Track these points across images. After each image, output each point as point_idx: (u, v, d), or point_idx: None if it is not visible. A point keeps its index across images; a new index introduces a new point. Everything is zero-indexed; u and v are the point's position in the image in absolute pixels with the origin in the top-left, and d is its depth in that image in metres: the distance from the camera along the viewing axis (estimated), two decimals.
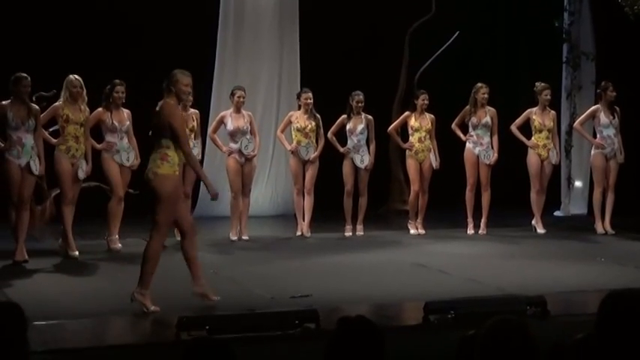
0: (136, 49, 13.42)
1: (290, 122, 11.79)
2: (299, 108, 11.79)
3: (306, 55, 14.02)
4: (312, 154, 11.62)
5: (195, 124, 10.96)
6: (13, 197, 9.49)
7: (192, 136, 10.98)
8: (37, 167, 9.48)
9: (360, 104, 11.62)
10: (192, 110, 10.98)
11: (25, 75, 9.47)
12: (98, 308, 7.34)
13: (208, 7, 13.71)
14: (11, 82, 9.44)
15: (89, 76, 10.30)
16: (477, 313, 6.44)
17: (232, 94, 11.31)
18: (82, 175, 9.99)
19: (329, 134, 11.79)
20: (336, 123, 11.84)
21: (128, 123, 10.49)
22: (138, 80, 11.68)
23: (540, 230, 12.07)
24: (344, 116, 11.80)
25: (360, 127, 11.70)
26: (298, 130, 11.66)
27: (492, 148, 11.97)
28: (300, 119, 11.68)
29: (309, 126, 11.63)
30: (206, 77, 13.35)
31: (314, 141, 11.69)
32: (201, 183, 13.16)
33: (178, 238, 10.84)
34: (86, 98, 10.03)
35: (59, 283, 8.67)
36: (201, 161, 11.75)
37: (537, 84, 12.14)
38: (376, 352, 3.46)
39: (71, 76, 9.94)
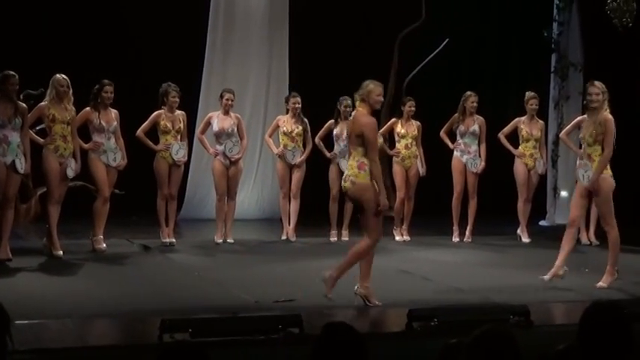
0: (125, 50, 13.42)
1: (277, 126, 11.79)
2: (287, 112, 11.79)
3: (295, 59, 14.03)
4: (299, 158, 11.63)
5: (182, 125, 11.01)
6: None
7: (179, 137, 11.01)
8: (22, 166, 9.43)
9: (347, 109, 11.63)
10: (179, 112, 11.02)
11: (12, 73, 9.43)
12: (81, 308, 7.31)
13: (198, 9, 13.72)
14: None
15: (77, 76, 10.27)
16: (460, 321, 6.44)
17: (221, 97, 11.32)
18: (71, 173, 9.95)
19: (316, 139, 11.80)
20: (324, 128, 11.85)
21: (115, 123, 10.46)
22: (126, 81, 11.69)
23: (525, 239, 12.10)
24: (331, 121, 11.82)
25: (347, 132, 11.69)
26: (285, 133, 11.67)
27: (480, 156, 12.00)
28: (287, 123, 11.69)
29: (296, 130, 11.64)
30: (194, 79, 13.35)
31: (300, 145, 11.70)
32: (187, 185, 13.25)
33: (164, 240, 10.87)
34: (72, 98, 10.00)
35: (42, 282, 8.64)
36: (188, 163, 11.76)
37: (526, 93, 12.18)
38: (359, 358, 3.46)
39: (58, 75, 9.90)
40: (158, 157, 10.94)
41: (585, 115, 12.02)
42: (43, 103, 9.91)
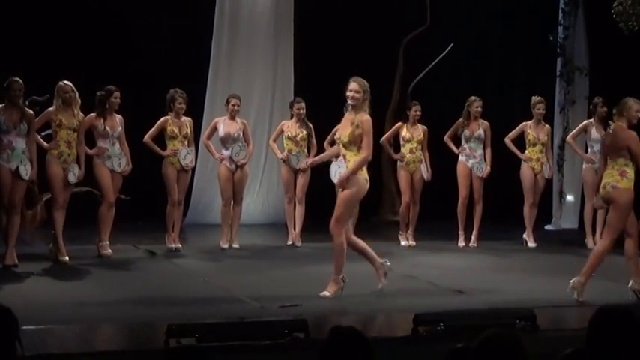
0: (130, 56, 13.43)
1: (282, 131, 11.81)
2: (291, 117, 11.81)
3: (300, 64, 14.03)
4: (303, 163, 11.63)
5: (188, 131, 11.05)
6: (3, 201, 9.46)
7: (186, 143, 11.02)
8: (27, 172, 9.43)
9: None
10: (185, 118, 11.05)
11: (17, 79, 9.45)
12: (87, 313, 7.33)
13: (203, 14, 13.73)
14: (4, 86, 9.42)
15: (83, 83, 10.27)
16: (466, 326, 6.44)
17: (227, 102, 11.35)
18: (72, 179, 9.96)
19: (325, 144, 11.81)
20: (332, 133, 11.84)
21: (120, 129, 10.47)
22: (131, 86, 11.69)
23: (531, 244, 12.08)
24: (338, 126, 11.80)
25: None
26: (289, 138, 11.68)
27: (485, 161, 11.99)
28: (291, 128, 11.71)
29: (300, 135, 11.65)
30: (200, 85, 13.36)
31: (305, 150, 11.70)
32: (193, 190, 13.25)
33: (170, 245, 10.87)
34: (79, 102, 10.01)
35: (49, 287, 8.65)
36: (194, 168, 11.77)
37: (533, 98, 12.17)
38: None
39: (61, 82, 9.92)
40: (166, 162, 10.95)
41: (591, 120, 12.10)
42: (51, 108, 9.93)
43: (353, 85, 8.38)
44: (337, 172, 8.77)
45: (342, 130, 8.40)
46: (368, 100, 8.41)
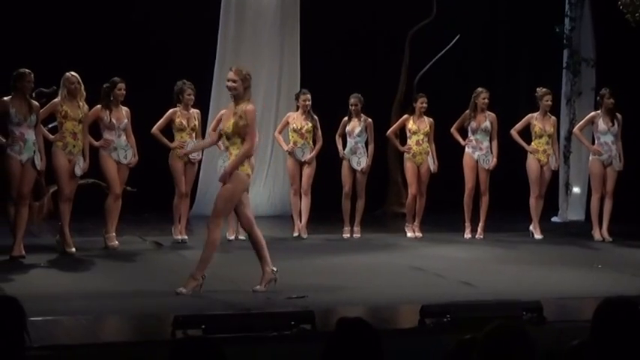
0: (137, 48, 13.43)
1: (287, 123, 11.81)
2: (297, 109, 11.80)
3: (307, 56, 14.02)
4: (308, 155, 11.63)
5: (196, 123, 11.05)
6: (12, 193, 9.48)
7: (194, 135, 11.02)
8: (39, 163, 9.50)
9: (353, 107, 11.68)
10: (193, 110, 11.05)
11: (28, 71, 9.47)
12: (94, 305, 7.34)
13: (209, 6, 13.71)
14: (14, 78, 9.42)
15: (89, 74, 10.29)
16: (472, 318, 6.42)
17: None
18: (78, 171, 9.98)
19: (336, 136, 11.83)
20: (340, 125, 11.87)
21: (126, 121, 10.48)
22: (138, 78, 11.70)
23: (538, 236, 12.06)
24: (345, 118, 11.83)
25: (358, 129, 11.72)
26: (295, 130, 11.68)
27: (492, 153, 11.98)
28: (297, 120, 11.70)
29: (306, 127, 11.64)
30: (206, 76, 13.35)
31: (310, 142, 11.70)
32: (199, 182, 13.24)
33: (177, 237, 10.89)
34: (84, 94, 10.03)
35: (56, 279, 8.67)
36: (200, 160, 11.78)
37: (539, 89, 12.14)
38: (374, 355, 3.46)
39: (68, 73, 9.94)
40: (173, 154, 10.96)
41: (598, 111, 12.08)
42: (56, 100, 9.95)
43: (230, 74, 7.91)
44: (222, 166, 8.54)
45: (225, 122, 7.98)
46: (250, 89, 7.97)
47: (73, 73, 9.94)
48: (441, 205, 12.82)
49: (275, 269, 8.04)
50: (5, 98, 9.44)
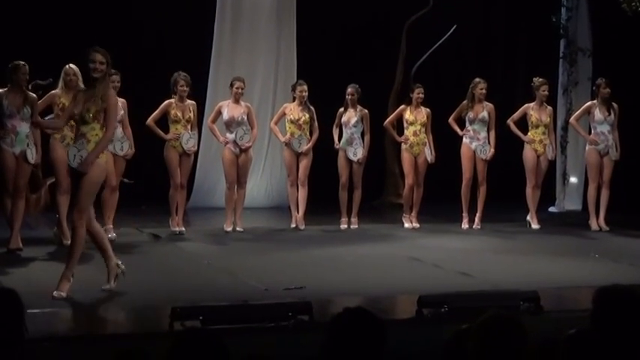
0: (133, 40, 13.41)
1: (284, 114, 11.81)
2: (293, 100, 11.80)
3: (303, 47, 14.01)
4: (305, 146, 11.63)
5: (192, 115, 11.01)
6: (8, 186, 9.47)
7: (189, 127, 11.01)
8: (33, 156, 9.45)
9: (350, 96, 11.67)
10: (189, 101, 11.02)
11: (23, 63, 9.43)
12: (92, 297, 7.34)
13: None
14: (9, 70, 9.39)
15: (86, 65, 10.23)
16: (470, 308, 6.44)
17: (231, 85, 11.32)
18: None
19: (333, 127, 11.82)
20: (337, 116, 11.86)
21: (122, 112, 10.44)
22: (135, 70, 11.68)
23: (535, 226, 12.08)
24: (341, 109, 11.83)
25: (354, 119, 11.72)
26: (292, 121, 11.67)
27: (489, 143, 11.98)
28: (293, 111, 11.70)
29: (303, 118, 11.64)
30: (203, 68, 13.34)
31: (307, 133, 11.69)
32: (196, 173, 13.25)
33: (174, 229, 10.88)
34: (81, 87, 9.98)
35: (53, 271, 8.61)
36: (197, 152, 11.77)
37: (535, 79, 12.13)
38: (376, 343, 3.46)
39: (67, 65, 9.91)
40: (168, 146, 10.95)
41: (594, 101, 12.09)
42: (55, 91, 9.91)
43: (97, 56, 7.48)
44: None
45: (83, 105, 7.42)
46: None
47: (71, 65, 9.90)
48: (439, 195, 12.82)
49: (119, 262, 7.68)
50: (0, 90, 9.42)
